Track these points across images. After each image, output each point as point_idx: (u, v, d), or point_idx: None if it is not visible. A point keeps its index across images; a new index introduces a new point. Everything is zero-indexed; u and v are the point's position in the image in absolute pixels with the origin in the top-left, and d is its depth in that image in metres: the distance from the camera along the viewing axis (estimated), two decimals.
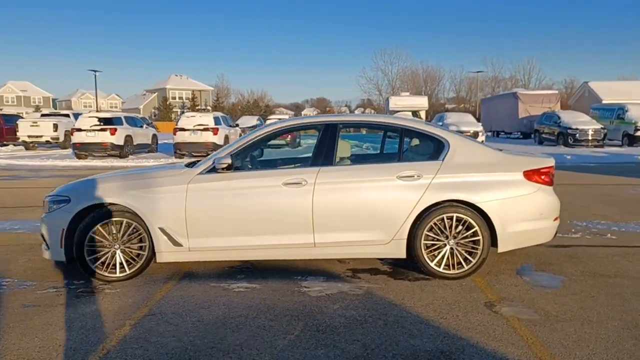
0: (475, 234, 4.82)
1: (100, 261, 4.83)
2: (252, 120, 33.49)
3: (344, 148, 5.16)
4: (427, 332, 3.71)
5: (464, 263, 4.83)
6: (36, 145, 25.61)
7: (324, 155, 4.95)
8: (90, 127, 18.98)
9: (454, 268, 4.84)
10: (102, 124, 19.16)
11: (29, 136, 24.94)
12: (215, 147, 18.69)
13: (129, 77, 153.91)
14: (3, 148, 26.47)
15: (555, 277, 4.96)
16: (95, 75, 51.69)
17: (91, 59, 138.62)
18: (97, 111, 51.72)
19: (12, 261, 5.59)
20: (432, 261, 4.83)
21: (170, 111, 70.62)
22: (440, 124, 25.71)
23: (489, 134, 40.30)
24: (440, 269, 4.84)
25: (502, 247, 4.88)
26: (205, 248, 4.85)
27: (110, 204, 4.82)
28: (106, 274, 4.83)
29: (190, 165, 5.12)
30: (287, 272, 5.09)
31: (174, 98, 76.41)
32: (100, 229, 4.80)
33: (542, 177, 4.99)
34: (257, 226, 4.81)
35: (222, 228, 4.81)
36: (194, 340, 3.58)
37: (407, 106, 36.54)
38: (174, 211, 4.78)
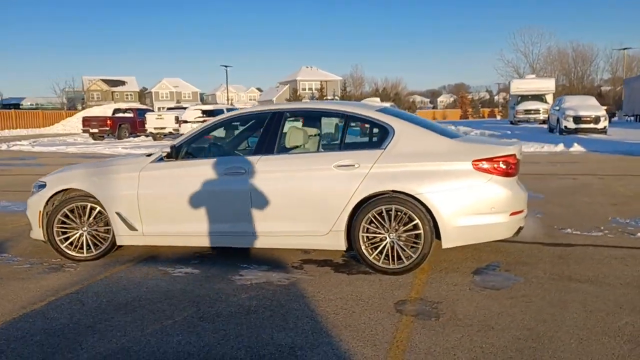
0: (416, 227, 4.48)
1: (69, 242, 5.27)
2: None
3: (295, 136, 5.05)
4: (302, 327, 3.56)
5: (404, 258, 4.52)
6: (162, 136, 28.06)
7: (266, 144, 4.90)
8: (195, 119, 20.39)
9: (394, 262, 4.55)
10: (204, 115, 20.48)
11: (154, 128, 27.41)
12: None
13: (269, 71, 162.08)
14: (135, 139, 29.38)
15: (512, 278, 4.45)
16: (226, 71, 55.22)
17: (234, 55, 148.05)
18: (231, 104, 55.09)
19: (25, 239, 6.29)
20: (371, 255, 4.59)
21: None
22: (557, 108, 23.64)
23: (631, 118, 36.18)
24: (380, 263, 4.57)
25: (447, 242, 4.48)
26: (157, 233, 5.08)
27: (75, 189, 5.23)
28: (74, 253, 5.26)
29: (149, 155, 5.36)
30: (238, 259, 5.13)
31: (304, 89, 78.67)
32: (67, 212, 5.23)
33: (495, 166, 4.47)
34: (201, 214, 4.91)
35: (169, 215, 4.99)
36: (81, 319, 3.79)
37: (531, 89, 33.98)
38: (128, 197, 5.06)
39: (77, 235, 5.26)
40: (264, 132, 4.98)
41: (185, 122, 20.49)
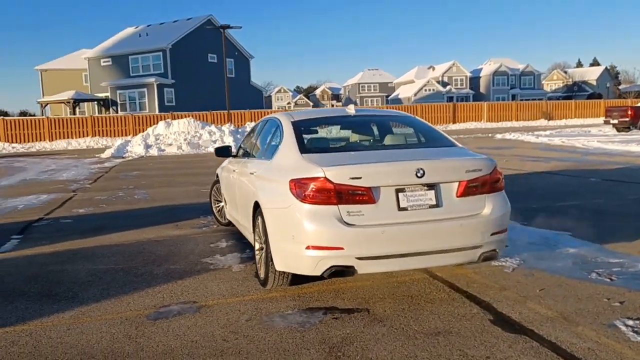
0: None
1: (218, 210, 7.32)
2: None
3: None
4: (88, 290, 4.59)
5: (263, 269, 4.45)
6: None
7: (253, 148, 5.66)
8: None
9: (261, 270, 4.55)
10: None
11: None
12: None
13: None
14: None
15: (335, 318, 3.71)
16: None
17: None
18: None
19: None
20: (257, 257, 4.73)
21: None
22: None
23: None
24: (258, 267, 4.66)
25: (276, 264, 4.11)
26: (227, 211, 6.53)
27: (219, 176, 7.21)
28: (219, 218, 7.28)
29: None
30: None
31: None
32: (214, 190, 7.31)
33: (300, 191, 3.83)
34: (230, 200, 6.11)
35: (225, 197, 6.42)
36: (84, 255, 5.81)
37: None
38: (223, 183, 6.69)
39: (221, 206, 7.26)
40: (255, 137, 5.66)
41: None
